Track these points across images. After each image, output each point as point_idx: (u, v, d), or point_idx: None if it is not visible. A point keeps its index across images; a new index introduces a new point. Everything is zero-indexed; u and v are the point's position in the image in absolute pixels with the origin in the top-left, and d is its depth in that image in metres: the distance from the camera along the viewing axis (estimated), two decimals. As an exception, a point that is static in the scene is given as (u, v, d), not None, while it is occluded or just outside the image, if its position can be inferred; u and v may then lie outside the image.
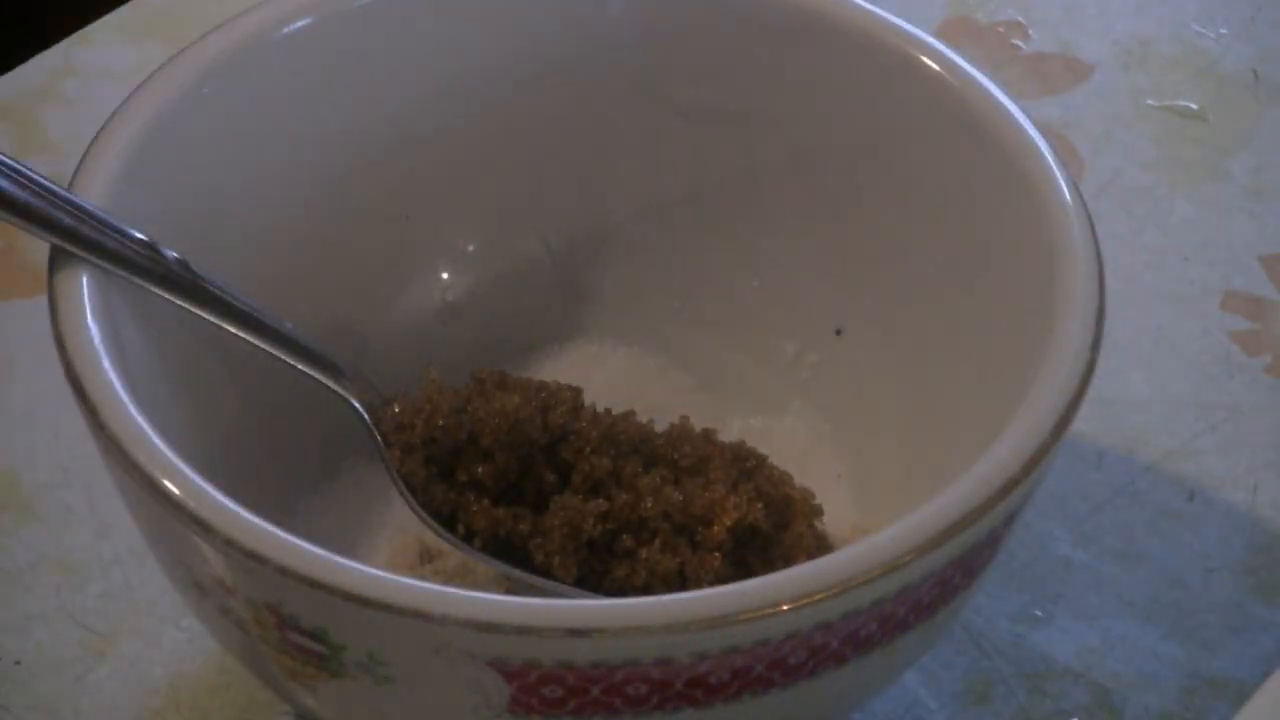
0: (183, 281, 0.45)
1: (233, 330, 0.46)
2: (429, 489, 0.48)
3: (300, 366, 0.47)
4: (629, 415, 0.49)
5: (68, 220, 0.43)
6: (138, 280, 0.44)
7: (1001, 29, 0.67)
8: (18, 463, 0.53)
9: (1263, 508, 0.53)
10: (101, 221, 0.43)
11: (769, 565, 0.48)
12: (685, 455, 0.49)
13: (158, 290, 0.44)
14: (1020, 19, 0.67)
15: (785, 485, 0.49)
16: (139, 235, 0.44)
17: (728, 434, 0.52)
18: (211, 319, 0.45)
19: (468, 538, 0.48)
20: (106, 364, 0.41)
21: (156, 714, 0.48)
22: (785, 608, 0.38)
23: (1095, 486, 0.54)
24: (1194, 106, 0.64)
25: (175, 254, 0.44)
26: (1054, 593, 0.51)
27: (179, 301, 0.45)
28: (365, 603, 0.38)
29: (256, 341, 0.46)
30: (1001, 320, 0.46)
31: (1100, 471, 0.54)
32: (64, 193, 0.43)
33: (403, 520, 0.49)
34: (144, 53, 0.64)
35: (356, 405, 0.48)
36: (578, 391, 0.49)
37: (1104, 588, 0.52)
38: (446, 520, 0.48)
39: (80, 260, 0.43)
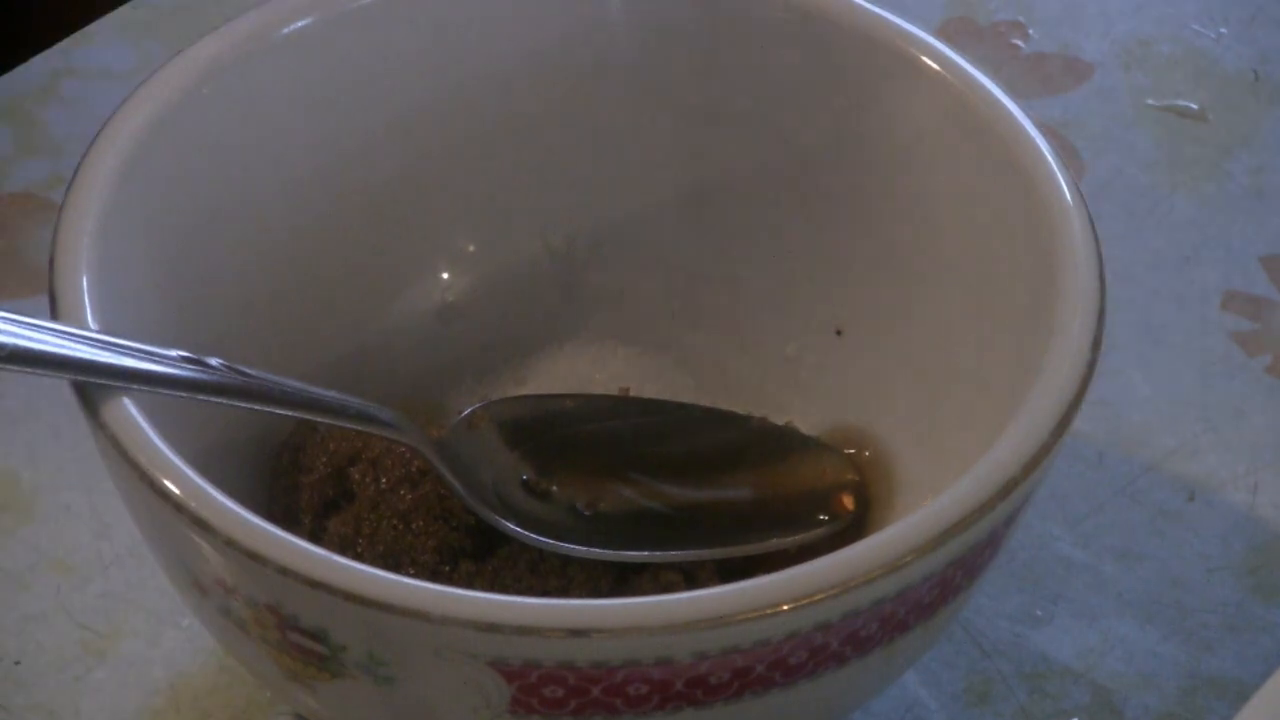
0: (233, 385, 0.43)
1: (284, 413, 0.45)
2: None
3: (353, 428, 0.47)
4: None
5: (104, 359, 0.41)
6: (188, 395, 0.43)
7: (1001, 29, 0.67)
8: (18, 463, 0.53)
9: (1263, 508, 0.53)
10: (138, 350, 0.42)
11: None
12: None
13: (211, 399, 0.43)
14: (1020, 19, 0.67)
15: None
16: (178, 352, 0.43)
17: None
18: (262, 409, 0.44)
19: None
20: (107, 364, 0.41)
21: (156, 714, 0.48)
22: (785, 608, 0.38)
23: (1095, 486, 0.54)
24: (1194, 106, 0.64)
25: (217, 361, 0.43)
26: (1054, 593, 0.51)
27: (231, 403, 0.43)
28: (365, 603, 0.38)
29: (308, 417, 0.46)
30: (1001, 320, 0.46)
31: (1100, 471, 0.54)
32: (90, 332, 0.42)
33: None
34: (144, 53, 0.64)
35: (424, 451, 0.47)
36: None
37: (1104, 588, 0.52)
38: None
39: (80, 260, 0.43)
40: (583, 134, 0.53)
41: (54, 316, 0.42)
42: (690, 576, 0.47)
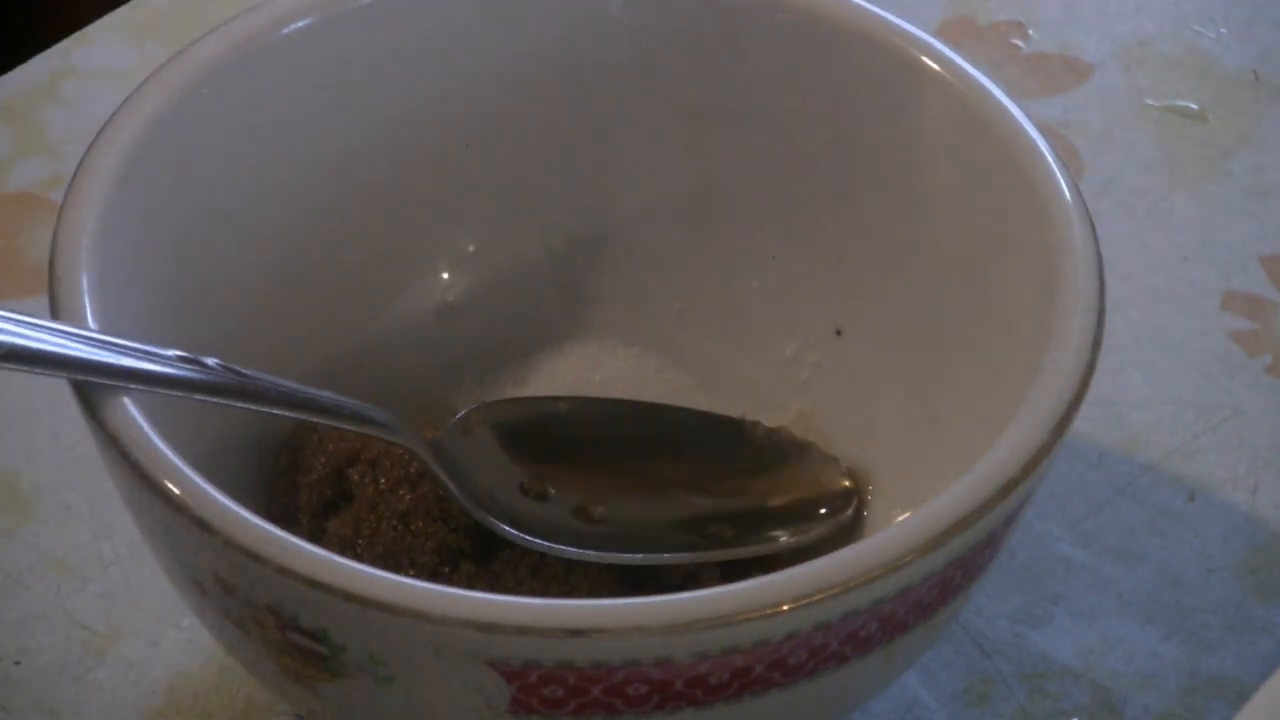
0: (229, 385, 0.43)
1: (280, 413, 0.45)
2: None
3: (349, 428, 0.47)
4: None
5: (102, 358, 0.41)
6: (185, 394, 0.42)
7: (1001, 29, 0.67)
8: (18, 463, 0.53)
9: (1263, 508, 0.53)
10: (137, 350, 0.42)
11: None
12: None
13: (208, 399, 0.43)
14: (1020, 19, 0.67)
15: None
16: (175, 352, 0.43)
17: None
18: (259, 409, 0.44)
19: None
20: (106, 364, 0.41)
21: (156, 714, 0.48)
22: (785, 608, 0.38)
23: (1095, 486, 0.54)
24: (1194, 106, 0.64)
25: (214, 360, 0.43)
26: (1054, 593, 0.51)
27: (227, 402, 0.43)
28: (365, 603, 0.38)
29: (304, 417, 0.46)
30: (1002, 320, 0.46)
31: (1100, 471, 0.54)
32: (90, 332, 0.42)
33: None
34: (144, 53, 0.64)
35: (419, 453, 0.47)
36: None
37: (1104, 588, 0.52)
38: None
39: (80, 260, 0.43)
40: (582, 134, 0.53)
41: (54, 316, 0.42)
42: (693, 578, 0.47)
